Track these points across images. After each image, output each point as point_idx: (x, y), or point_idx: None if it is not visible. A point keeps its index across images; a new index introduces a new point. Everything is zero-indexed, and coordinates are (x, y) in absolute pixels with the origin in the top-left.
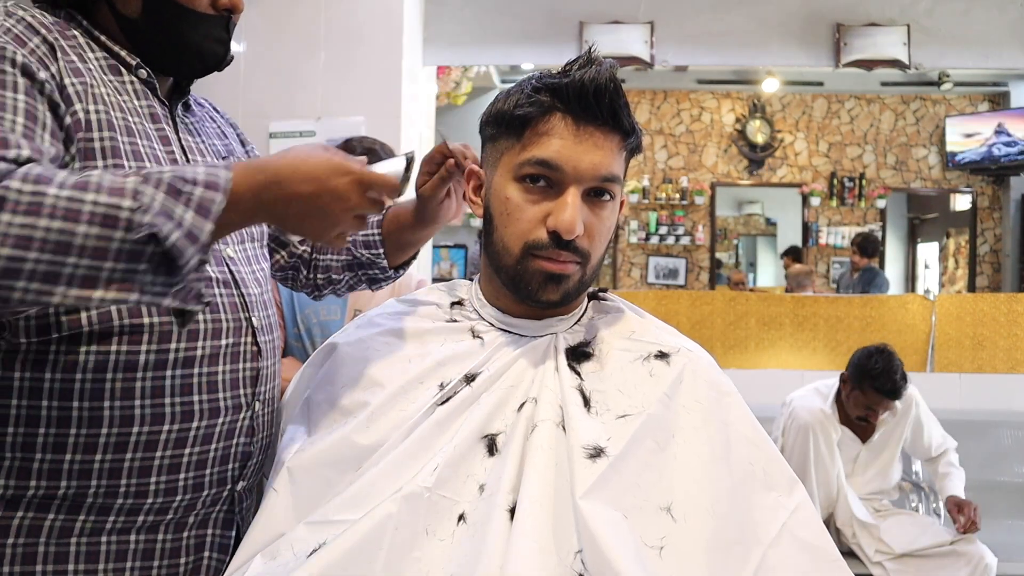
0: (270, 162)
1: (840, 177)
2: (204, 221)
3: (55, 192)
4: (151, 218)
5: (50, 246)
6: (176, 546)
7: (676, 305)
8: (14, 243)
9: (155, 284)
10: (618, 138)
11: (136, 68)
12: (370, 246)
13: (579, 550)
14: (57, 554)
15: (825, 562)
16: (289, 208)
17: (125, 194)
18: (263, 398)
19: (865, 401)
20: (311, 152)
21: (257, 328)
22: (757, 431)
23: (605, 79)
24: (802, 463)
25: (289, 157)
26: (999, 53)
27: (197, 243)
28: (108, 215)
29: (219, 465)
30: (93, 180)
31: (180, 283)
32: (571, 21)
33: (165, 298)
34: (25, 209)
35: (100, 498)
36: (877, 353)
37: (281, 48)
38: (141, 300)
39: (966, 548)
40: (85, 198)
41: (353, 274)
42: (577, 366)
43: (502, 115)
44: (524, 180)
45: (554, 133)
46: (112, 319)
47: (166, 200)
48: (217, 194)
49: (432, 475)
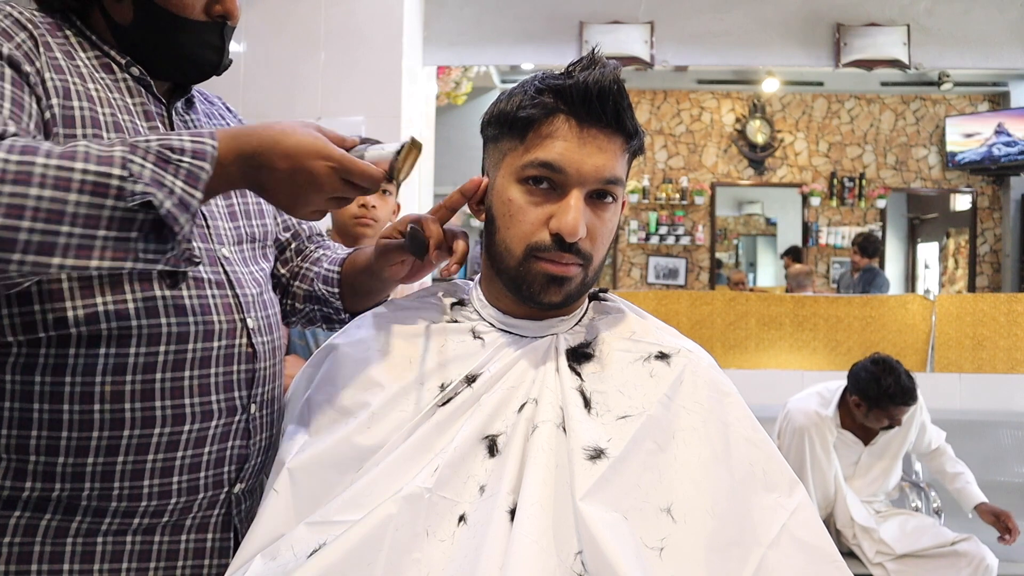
0: (255, 132)
1: (840, 177)
2: (194, 190)
3: (43, 161)
4: (143, 187)
5: (42, 215)
6: (173, 548)
7: (676, 305)
8: (5, 212)
9: (147, 252)
10: (621, 140)
11: (127, 66)
12: (329, 283)
13: (579, 551)
14: (53, 554)
15: (825, 563)
16: (267, 180)
17: (114, 163)
18: (260, 400)
19: (888, 415)
20: (296, 129)
21: (252, 329)
22: (757, 432)
23: (609, 81)
24: (798, 465)
25: (275, 129)
26: (999, 53)
27: (188, 211)
28: (98, 183)
29: (214, 468)
30: (80, 150)
31: (173, 249)
32: (571, 21)
33: (158, 264)
34: (13, 178)
35: (94, 500)
36: (881, 370)
37: (281, 48)
38: (135, 266)
39: (966, 548)
40: (75, 166)
41: (312, 307)
42: (578, 367)
43: (505, 116)
44: (527, 182)
45: (558, 135)
46: (99, 321)
47: (155, 169)
48: (205, 163)
49: (432, 476)
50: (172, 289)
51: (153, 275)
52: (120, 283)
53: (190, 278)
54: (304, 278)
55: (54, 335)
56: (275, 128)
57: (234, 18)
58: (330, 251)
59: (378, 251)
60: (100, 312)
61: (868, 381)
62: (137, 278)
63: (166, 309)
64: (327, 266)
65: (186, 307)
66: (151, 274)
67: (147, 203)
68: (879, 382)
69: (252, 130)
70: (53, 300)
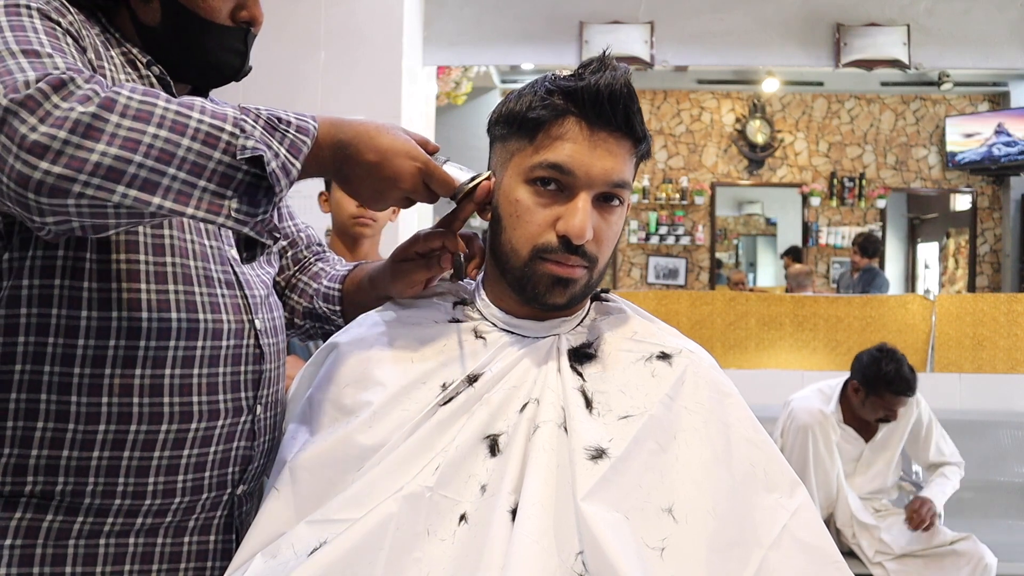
0: (350, 124)
1: (840, 177)
2: (295, 159)
3: (164, 104)
4: (253, 143)
5: (155, 152)
6: (176, 550)
7: (676, 305)
8: (121, 144)
9: (239, 212)
10: (629, 144)
11: (148, 65)
12: (329, 300)
13: (580, 551)
14: (55, 556)
15: (826, 563)
16: (353, 170)
17: (227, 120)
18: (265, 402)
19: (883, 404)
20: (389, 128)
21: (260, 331)
22: (758, 432)
23: (620, 85)
24: (801, 464)
25: (368, 125)
26: (999, 53)
27: (288, 177)
28: (211, 134)
29: (218, 468)
30: (197, 103)
31: (264, 214)
32: (571, 21)
33: (245, 227)
34: (134, 114)
35: (98, 498)
36: (884, 356)
37: (281, 48)
38: (225, 224)
39: (966, 548)
40: (192, 115)
41: (312, 324)
42: (579, 367)
43: (514, 116)
44: (535, 183)
45: (567, 137)
46: (111, 309)
47: (264, 132)
48: (307, 138)
49: (434, 475)
50: (246, 262)
51: (168, 271)
52: (136, 275)
53: (200, 276)
54: (303, 293)
55: (64, 319)
56: (370, 124)
57: (258, 24)
58: (328, 265)
59: (395, 273)
60: (113, 299)
61: (869, 364)
62: (154, 273)
63: (177, 304)
64: (327, 283)
65: (196, 304)
66: (166, 269)
67: (253, 160)
68: (880, 366)
69: (349, 122)
70: (74, 278)
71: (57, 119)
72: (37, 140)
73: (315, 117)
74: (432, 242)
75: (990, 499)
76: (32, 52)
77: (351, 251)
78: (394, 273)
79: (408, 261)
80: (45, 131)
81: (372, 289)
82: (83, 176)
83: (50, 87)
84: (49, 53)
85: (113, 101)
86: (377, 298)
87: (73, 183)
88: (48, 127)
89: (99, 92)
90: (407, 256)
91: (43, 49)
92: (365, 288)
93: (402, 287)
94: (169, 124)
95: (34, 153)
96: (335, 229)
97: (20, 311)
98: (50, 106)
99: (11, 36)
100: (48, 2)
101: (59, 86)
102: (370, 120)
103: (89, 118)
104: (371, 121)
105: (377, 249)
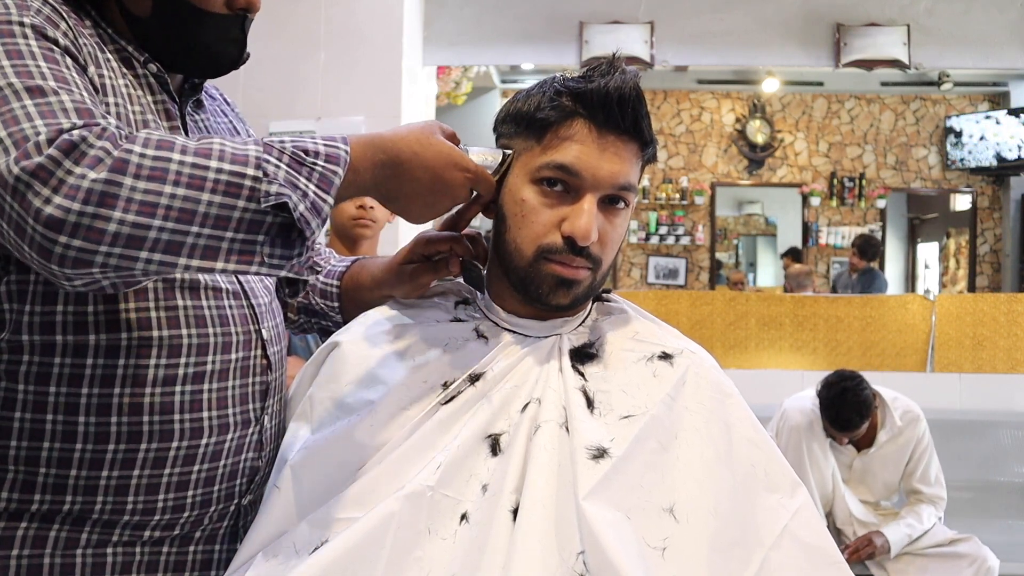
0: (388, 142)
1: (840, 177)
2: (326, 195)
3: (179, 158)
4: (277, 188)
5: (174, 214)
6: (181, 559)
7: (676, 305)
8: (138, 209)
9: (272, 256)
10: (636, 147)
11: (146, 63)
12: (327, 296)
13: (581, 551)
14: (64, 565)
15: (826, 564)
16: (401, 189)
17: (248, 162)
18: (271, 411)
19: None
20: (429, 138)
21: (267, 340)
22: (759, 432)
23: (629, 88)
24: (797, 463)
25: (409, 140)
26: (999, 53)
27: (319, 216)
28: (232, 183)
29: (227, 481)
30: (215, 147)
31: (300, 255)
32: (571, 21)
33: (282, 270)
34: (148, 174)
35: (106, 514)
36: (833, 387)
37: (281, 48)
38: (259, 271)
39: (968, 549)
40: (209, 164)
41: (307, 319)
42: (581, 367)
43: (522, 115)
44: (541, 183)
45: (575, 139)
46: (120, 330)
47: (289, 171)
48: (339, 168)
49: (435, 474)
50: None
51: (175, 284)
52: (144, 290)
53: (208, 288)
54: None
55: (71, 341)
56: (410, 136)
57: (255, 9)
58: (322, 259)
59: (400, 276)
60: (122, 320)
61: (823, 388)
62: (162, 287)
63: (187, 320)
64: (323, 279)
65: (206, 318)
66: (174, 282)
67: (278, 205)
68: (827, 392)
69: (383, 139)
70: (77, 303)
71: (71, 188)
72: (52, 214)
73: (347, 139)
74: (439, 245)
75: (990, 499)
76: (36, 90)
77: (351, 252)
78: (399, 276)
79: (413, 264)
80: (59, 203)
81: (375, 289)
82: (104, 248)
83: (61, 152)
84: (55, 89)
85: (125, 162)
86: (379, 298)
87: (95, 255)
88: (62, 198)
89: (111, 152)
90: (412, 259)
91: (47, 84)
92: (367, 287)
93: (408, 290)
94: (186, 180)
95: (51, 227)
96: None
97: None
98: (63, 173)
99: (10, 67)
100: (39, 11)
101: (70, 149)
102: (407, 130)
103: (102, 185)
104: (408, 131)
105: (376, 250)
